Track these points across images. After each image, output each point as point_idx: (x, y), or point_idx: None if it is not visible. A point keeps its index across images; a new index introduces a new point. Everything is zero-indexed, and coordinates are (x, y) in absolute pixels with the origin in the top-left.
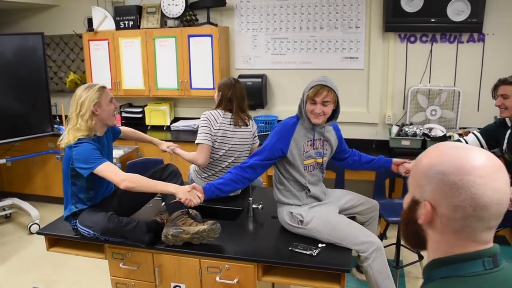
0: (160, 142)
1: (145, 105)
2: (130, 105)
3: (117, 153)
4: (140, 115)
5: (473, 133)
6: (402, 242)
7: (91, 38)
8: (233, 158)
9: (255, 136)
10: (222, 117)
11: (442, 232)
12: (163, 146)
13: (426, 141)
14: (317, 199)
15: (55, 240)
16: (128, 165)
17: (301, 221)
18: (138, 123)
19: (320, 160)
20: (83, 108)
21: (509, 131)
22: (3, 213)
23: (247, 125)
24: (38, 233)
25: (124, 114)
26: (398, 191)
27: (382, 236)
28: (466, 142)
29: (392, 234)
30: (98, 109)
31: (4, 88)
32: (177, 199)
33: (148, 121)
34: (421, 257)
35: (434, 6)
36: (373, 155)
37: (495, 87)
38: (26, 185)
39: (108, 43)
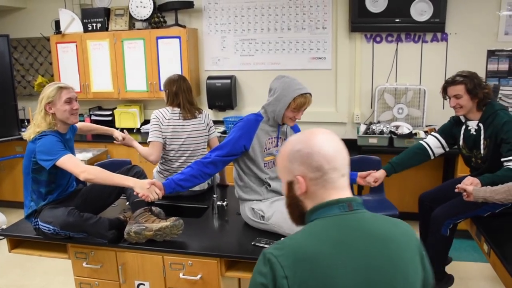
0: (113, 130)
1: (115, 108)
2: (100, 108)
3: (85, 155)
4: (109, 118)
5: (432, 134)
6: None
7: (58, 41)
8: (189, 152)
9: (211, 127)
10: (170, 113)
11: (314, 192)
12: (116, 133)
13: (393, 138)
14: (278, 193)
15: (17, 241)
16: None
17: (263, 217)
18: (108, 126)
19: None
20: (41, 105)
21: (463, 127)
22: None
23: (196, 118)
24: (0, 234)
25: (93, 117)
26: (367, 187)
27: None
28: (427, 143)
29: None
30: (53, 108)
31: None
32: (134, 193)
33: (118, 124)
34: None
35: (398, 6)
36: None
37: (444, 89)
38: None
39: (76, 46)
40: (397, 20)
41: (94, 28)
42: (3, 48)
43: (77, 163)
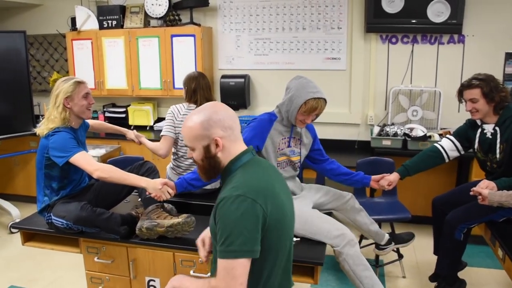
0: (127, 130)
1: (129, 105)
2: (114, 105)
3: (99, 152)
4: (123, 115)
5: (446, 137)
6: None
7: (74, 38)
8: None
9: None
10: (186, 109)
11: (227, 147)
12: (130, 134)
13: (407, 141)
14: (291, 193)
15: (30, 234)
16: (108, 163)
17: None
18: (122, 123)
19: (294, 158)
20: (57, 100)
21: (479, 131)
22: None
23: None
24: (12, 226)
25: (107, 114)
26: (379, 190)
27: (362, 237)
28: (442, 146)
29: None
30: (70, 103)
31: None
32: (147, 193)
33: (132, 121)
34: (401, 256)
35: (414, 7)
36: (356, 154)
37: (460, 92)
38: (8, 184)
39: (92, 43)
40: (414, 21)
41: (110, 25)
42: (20, 44)
43: (91, 161)
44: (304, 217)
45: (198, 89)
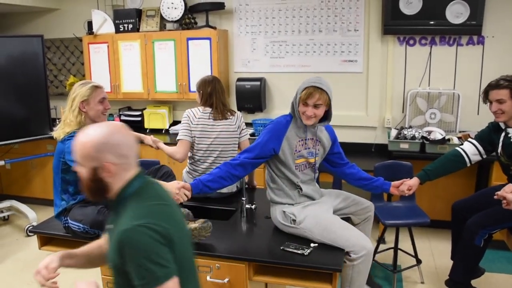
0: (145, 136)
1: (144, 108)
2: (129, 108)
3: None
4: (139, 118)
5: (468, 140)
6: (400, 246)
7: (90, 41)
8: (217, 152)
9: (243, 129)
10: (201, 112)
11: (119, 174)
12: (148, 140)
13: (425, 144)
14: (310, 198)
15: (47, 239)
16: None
17: (294, 221)
18: (137, 126)
19: (312, 160)
20: (74, 103)
21: (503, 134)
22: (1, 215)
23: (227, 119)
24: (30, 231)
25: (123, 117)
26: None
27: (380, 240)
28: (464, 150)
29: (390, 238)
30: (86, 107)
31: (4, 90)
32: None
33: (147, 125)
34: (419, 261)
35: (432, 8)
36: (372, 158)
37: (486, 92)
38: (25, 187)
39: (108, 46)
40: (432, 22)
41: (126, 29)
42: (37, 48)
43: None
44: (323, 223)
45: (214, 93)
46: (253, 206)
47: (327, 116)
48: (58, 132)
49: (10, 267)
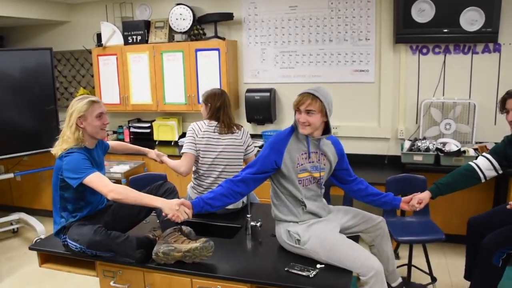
0: (148, 150)
1: (153, 120)
2: (139, 120)
3: (123, 168)
4: (148, 130)
5: (483, 155)
6: (415, 262)
7: (100, 53)
8: (222, 167)
9: (249, 145)
10: (206, 126)
11: None
12: (152, 154)
13: (440, 156)
14: (316, 215)
15: (48, 256)
16: (130, 180)
17: (298, 240)
18: (146, 138)
19: (316, 175)
20: (71, 119)
21: None
22: (11, 227)
23: (233, 133)
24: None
25: (132, 129)
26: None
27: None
28: (477, 165)
29: (404, 254)
30: (84, 122)
31: (14, 103)
32: (163, 214)
33: (156, 137)
34: (434, 279)
35: (446, 16)
36: (385, 170)
37: (503, 101)
38: (34, 199)
39: (117, 58)
40: (445, 30)
41: (134, 40)
42: (46, 61)
43: (105, 182)
44: (329, 243)
45: (222, 107)
46: (258, 224)
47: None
48: (56, 149)
49: (17, 281)
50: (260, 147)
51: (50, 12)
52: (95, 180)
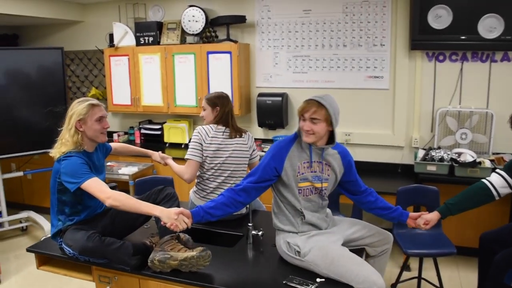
0: (152, 152)
1: (164, 122)
2: (150, 122)
3: (131, 170)
4: (159, 132)
5: (496, 172)
6: (425, 275)
7: (112, 54)
8: (228, 172)
9: (254, 150)
10: (214, 131)
11: None
12: (156, 156)
13: (454, 167)
14: (316, 227)
15: (46, 258)
16: (137, 183)
17: (298, 252)
18: (157, 140)
19: (318, 185)
20: (70, 122)
21: None
22: (20, 225)
23: (241, 137)
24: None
25: (143, 131)
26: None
27: (403, 268)
28: (491, 183)
29: (415, 265)
30: (83, 126)
31: (25, 102)
32: (162, 223)
33: (167, 139)
34: None
35: (464, 22)
36: (398, 179)
37: None
38: (44, 198)
39: (128, 59)
40: (463, 37)
41: (146, 41)
42: (58, 60)
43: (102, 188)
44: (330, 256)
45: (230, 111)
46: (260, 233)
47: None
48: (55, 151)
49: (23, 280)
50: None
51: (64, 12)
52: (93, 186)
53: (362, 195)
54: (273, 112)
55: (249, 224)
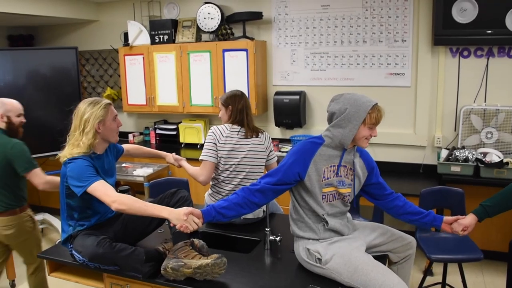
0: (166, 154)
1: (180, 122)
2: (165, 122)
3: (146, 171)
4: (174, 132)
5: None
6: (449, 281)
7: (126, 53)
8: (244, 174)
9: (271, 151)
10: (229, 130)
11: None
12: (169, 158)
13: (480, 167)
14: (338, 233)
15: (57, 264)
16: (151, 185)
17: (319, 259)
18: (172, 141)
19: (343, 190)
20: (87, 125)
21: None
22: None
23: (258, 136)
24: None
25: (158, 131)
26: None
27: (427, 273)
28: None
29: (439, 269)
30: (101, 127)
31: (40, 102)
32: (171, 224)
33: (182, 139)
34: None
35: (490, 16)
36: (420, 180)
37: None
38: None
39: (143, 58)
40: (489, 31)
41: (161, 40)
42: (72, 60)
43: (108, 192)
44: (354, 264)
45: (244, 109)
46: (278, 238)
47: None
48: (64, 154)
49: None
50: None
51: (78, 11)
52: (99, 189)
53: (388, 199)
54: (290, 111)
55: (267, 229)
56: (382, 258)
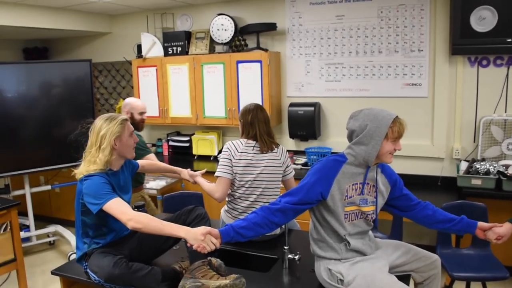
0: (181, 170)
1: (193, 134)
2: (178, 134)
3: (159, 184)
4: (187, 144)
5: None
6: None
7: (140, 65)
8: (260, 190)
9: (288, 166)
10: (244, 146)
11: None
12: (184, 174)
13: (502, 180)
14: (361, 253)
15: (71, 282)
16: (165, 198)
17: (341, 280)
18: (185, 153)
19: (365, 209)
20: (104, 141)
21: None
22: (47, 240)
23: (273, 151)
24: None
25: (171, 143)
26: (467, 238)
27: None
28: None
29: (458, 287)
30: (118, 143)
31: (54, 114)
32: (188, 244)
33: (195, 151)
34: None
35: (510, 24)
36: (438, 194)
37: None
38: (72, 211)
39: (156, 70)
40: (509, 40)
41: (175, 51)
42: (86, 72)
43: (124, 209)
44: (377, 285)
45: (255, 122)
46: (296, 257)
47: None
48: (80, 170)
49: None
50: (303, 165)
51: (92, 24)
52: (114, 207)
53: (416, 209)
54: (305, 123)
55: (285, 247)
56: (405, 278)
